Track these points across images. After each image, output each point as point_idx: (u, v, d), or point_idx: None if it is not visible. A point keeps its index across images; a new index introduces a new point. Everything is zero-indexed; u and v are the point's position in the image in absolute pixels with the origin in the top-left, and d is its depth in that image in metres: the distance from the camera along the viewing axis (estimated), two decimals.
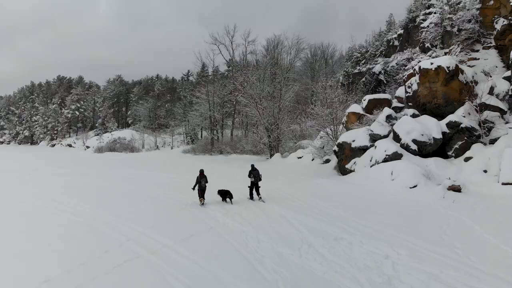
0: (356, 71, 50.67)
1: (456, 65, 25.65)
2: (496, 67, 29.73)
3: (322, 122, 33.81)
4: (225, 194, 18.20)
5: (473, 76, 26.79)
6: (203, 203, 17.24)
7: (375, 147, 25.15)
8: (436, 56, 33.42)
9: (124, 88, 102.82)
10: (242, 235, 11.87)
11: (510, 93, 25.80)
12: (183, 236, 11.70)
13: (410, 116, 26.19)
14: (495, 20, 30.78)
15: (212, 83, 63.47)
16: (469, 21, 31.17)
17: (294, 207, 16.61)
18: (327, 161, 31.75)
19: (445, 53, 33.46)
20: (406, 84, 28.41)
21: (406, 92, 28.34)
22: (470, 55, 31.50)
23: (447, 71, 25.30)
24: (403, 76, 36.04)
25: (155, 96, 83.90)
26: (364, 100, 29.90)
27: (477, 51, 31.51)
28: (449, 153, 24.25)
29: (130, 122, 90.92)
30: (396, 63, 42.18)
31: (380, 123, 25.99)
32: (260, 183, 19.03)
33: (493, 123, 24.58)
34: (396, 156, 23.41)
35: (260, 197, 18.45)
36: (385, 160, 23.63)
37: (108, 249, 10.45)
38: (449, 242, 11.18)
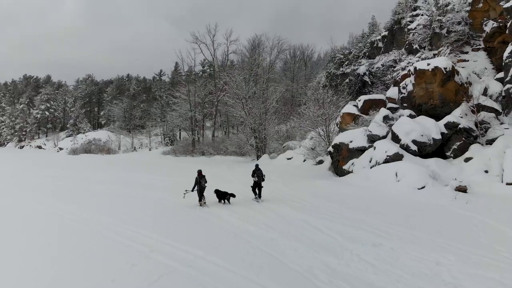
0: (340, 72, 50.68)
1: (453, 66, 25.80)
2: (486, 68, 30.24)
3: (314, 123, 33.40)
4: (223, 196, 17.86)
5: (467, 77, 27.06)
6: (204, 202, 16.98)
7: (374, 148, 24.91)
8: (426, 58, 33.67)
9: (96, 88, 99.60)
10: (273, 242, 11.10)
11: (503, 94, 26.19)
12: (210, 244, 10.83)
13: (407, 116, 26.13)
14: (484, 23, 31.30)
15: (193, 82, 62.13)
16: (459, 23, 31.57)
17: (308, 210, 16.01)
18: (320, 162, 31.37)
19: (434, 55, 33.80)
20: (401, 85, 28.39)
21: (401, 92, 28.32)
22: (460, 56, 31.93)
23: (444, 72, 25.38)
24: (396, 77, 36.21)
25: (130, 96, 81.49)
26: (359, 100, 29.71)
27: (466, 53, 31.99)
28: (448, 153, 24.28)
29: (104, 122, 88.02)
30: (381, 65, 42.40)
31: (377, 123, 25.80)
32: (262, 183, 18.73)
33: (489, 123, 24.83)
34: (397, 157, 23.22)
35: (260, 197, 18.41)
36: (386, 161, 23.40)
37: (135, 261, 9.47)
38: (489, 244, 10.85)
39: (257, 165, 19.50)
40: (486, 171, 21.58)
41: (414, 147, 23.70)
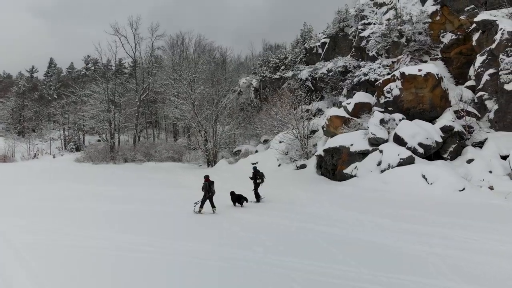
0: (277, 76, 50.41)
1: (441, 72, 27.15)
2: (445, 77, 32.65)
3: (287, 124, 32.13)
4: (239, 199, 17.77)
5: (446, 84, 28.76)
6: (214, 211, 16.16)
7: (381, 151, 24.70)
8: (386, 65, 35.14)
9: None
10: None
11: (475, 100, 28.47)
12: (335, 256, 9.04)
13: (399, 120, 26.64)
14: (442, 34, 33.96)
15: (112, 79, 55.34)
16: (420, 33, 33.59)
17: (398, 218, 14.68)
18: (303, 166, 30.15)
19: (392, 62, 35.42)
20: (384, 89, 28.84)
21: (385, 97, 28.77)
22: (420, 65, 33.94)
23: (437, 78, 26.54)
24: (351, 83, 37.07)
25: (19, 93, 69.35)
26: (348, 103, 29.35)
27: (425, 61, 34.14)
28: (444, 155, 25.26)
29: None
30: (327, 70, 43.08)
31: (379, 126, 25.70)
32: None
33: (473, 127, 26.66)
34: (410, 160, 23.37)
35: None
36: (400, 164, 23.35)
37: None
38: None
39: (255, 167, 19.98)
40: (490, 172, 22.92)
41: (421, 150, 24.13)
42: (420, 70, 26.79)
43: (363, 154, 25.61)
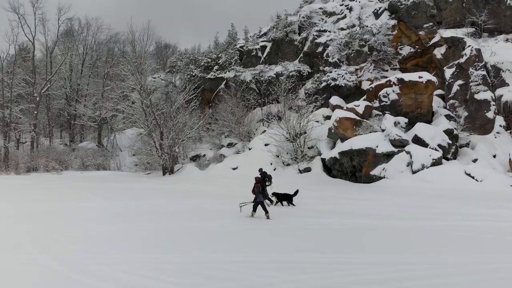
0: (211, 76, 47.99)
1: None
2: None
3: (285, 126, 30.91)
4: (284, 198, 17.71)
5: None
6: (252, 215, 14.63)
7: (407, 152, 25.74)
8: (352, 71, 36.96)
9: None
10: None
11: (447, 107, 32.22)
12: None
13: (405, 123, 28.33)
14: (400, 47, 37.44)
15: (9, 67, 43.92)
16: (384, 44, 36.33)
17: None
18: (307, 169, 29.18)
19: (356, 69, 37.46)
20: (380, 93, 30.21)
21: (381, 101, 30.16)
22: (382, 73, 36.73)
23: (436, 85, 29.10)
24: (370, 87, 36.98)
25: None
26: (357, 105, 29.55)
27: (386, 70, 37.12)
28: (448, 156, 27.83)
29: None
30: (276, 74, 42.82)
31: (399, 129, 26.81)
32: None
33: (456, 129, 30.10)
34: (440, 160, 25.05)
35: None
36: (433, 164, 24.77)
37: None
38: None
39: (261, 169, 18.99)
40: (494, 169, 26.21)
41: (440, 151, 26.07)
42: (420, 77, 28.92)
43: (387, 156, 26.28)
